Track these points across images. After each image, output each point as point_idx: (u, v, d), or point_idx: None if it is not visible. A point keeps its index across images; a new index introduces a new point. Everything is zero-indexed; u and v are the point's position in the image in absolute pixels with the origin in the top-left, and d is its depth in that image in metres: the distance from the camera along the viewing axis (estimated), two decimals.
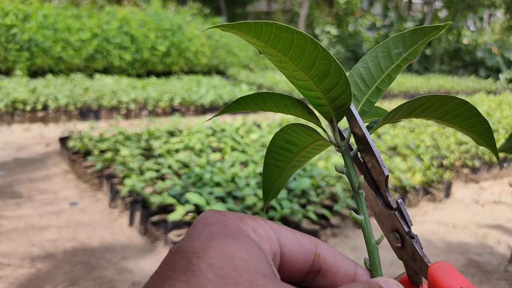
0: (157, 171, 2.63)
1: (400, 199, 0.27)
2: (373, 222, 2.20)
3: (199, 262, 0.20)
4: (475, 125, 0.27)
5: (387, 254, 2.07)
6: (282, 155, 0.32)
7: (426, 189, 2.87)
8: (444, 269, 0.24)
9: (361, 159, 0.29)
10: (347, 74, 0.27)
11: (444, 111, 0.26)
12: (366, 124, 0.30)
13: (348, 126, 0.30)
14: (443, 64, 13.42)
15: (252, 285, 0.20)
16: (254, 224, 0.25)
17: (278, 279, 0.21)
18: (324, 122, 0.30)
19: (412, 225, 0.27)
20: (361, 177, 0.28)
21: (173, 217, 2.00)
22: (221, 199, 2.25)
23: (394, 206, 0.27)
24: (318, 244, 0.27)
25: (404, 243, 0.27)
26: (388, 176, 0.27)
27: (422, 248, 0.26)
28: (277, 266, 0.25)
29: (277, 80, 7.39)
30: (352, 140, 0.30)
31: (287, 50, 0.24)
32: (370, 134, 0.29)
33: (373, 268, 0.28)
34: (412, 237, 0.27)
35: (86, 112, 4.64)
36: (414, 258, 0.27)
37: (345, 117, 0.29)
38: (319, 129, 0.30)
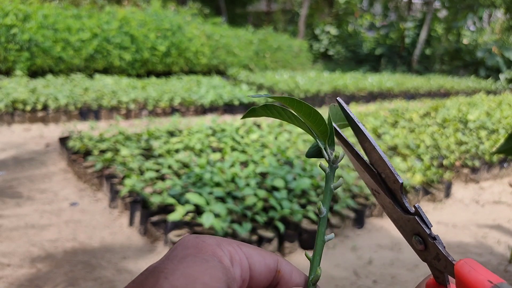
0: (157, 171, 2.63)
1: (418, 204, 0.28)
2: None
3: (164, 283, 0.22)
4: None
5: (387, 254, 2.08)
6: None
7: (426, 189, 2.87)
8: (469, 265, 0.25)
9: (374, 170, 0.30)
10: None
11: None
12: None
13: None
14: (443, 64, 13.43)
15: None
16: (231, 250, 0.27)
17: None
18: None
19: (432, 226, 0.28)
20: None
21: (173, 217, 2.00)
22: (221, 199, 2.25)
23: (412, 211, 0.29)
24: (279, 260, 0.30)
25: (427, 245, 0.28)
26: (402, 183, 0.28)
27: (444, 247, 0.27)
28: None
29: (277, 80, 7.39)
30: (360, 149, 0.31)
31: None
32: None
33: (313, 263, 0.30)
34: (434, 238, 0.28)
35: (86, 112, 4.64)
36: (438, 258, 0.28)
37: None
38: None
